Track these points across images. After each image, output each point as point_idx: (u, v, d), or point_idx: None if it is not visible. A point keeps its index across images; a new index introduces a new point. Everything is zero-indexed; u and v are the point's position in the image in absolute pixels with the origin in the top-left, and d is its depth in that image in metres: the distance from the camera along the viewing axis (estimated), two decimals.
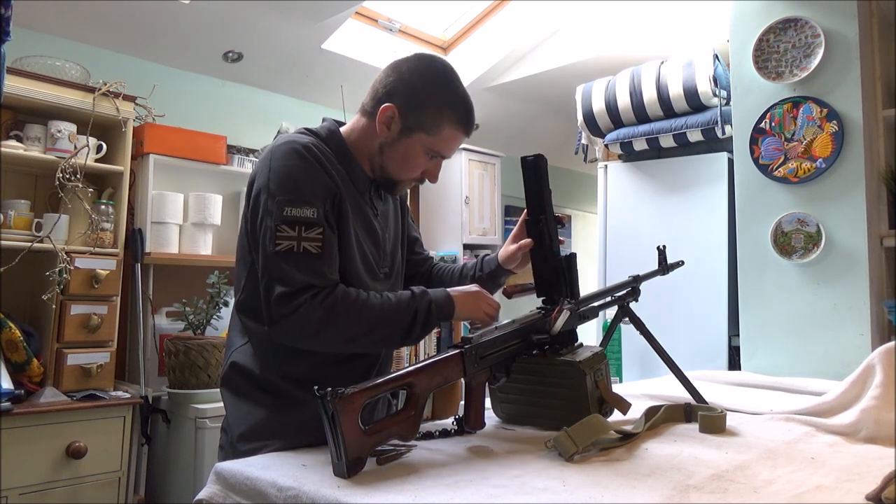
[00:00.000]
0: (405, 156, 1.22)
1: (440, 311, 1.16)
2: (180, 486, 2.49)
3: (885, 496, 0.80)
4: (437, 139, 1.21)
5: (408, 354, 3.59)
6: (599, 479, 0.90)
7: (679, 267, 1.53)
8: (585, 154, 3.13)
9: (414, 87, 1.20)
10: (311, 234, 1.08)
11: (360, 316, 1.09)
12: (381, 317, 1.11)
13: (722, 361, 2.52)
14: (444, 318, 1.16)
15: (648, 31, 3.29)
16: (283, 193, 1.10)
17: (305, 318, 1.06)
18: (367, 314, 1.10)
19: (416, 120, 1.20)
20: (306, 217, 1.09)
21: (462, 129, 1.23)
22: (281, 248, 1.08)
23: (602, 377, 1.20)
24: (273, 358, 1.17)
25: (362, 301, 1.10)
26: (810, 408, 1.34)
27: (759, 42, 2.11)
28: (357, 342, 1.13)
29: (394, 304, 1.13)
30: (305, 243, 1.08)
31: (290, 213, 1.09)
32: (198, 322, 2.56)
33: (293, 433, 1.12)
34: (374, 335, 1.12)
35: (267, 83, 3.35)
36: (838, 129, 1.98)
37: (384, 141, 1.22)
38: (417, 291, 1.16)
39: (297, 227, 1.08)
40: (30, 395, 2.22)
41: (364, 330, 1.10)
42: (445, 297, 1.17)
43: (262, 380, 1.18)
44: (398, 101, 1.20)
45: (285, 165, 1.13)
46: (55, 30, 2.66)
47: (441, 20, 3.78)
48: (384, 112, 1.20)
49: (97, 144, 2.49)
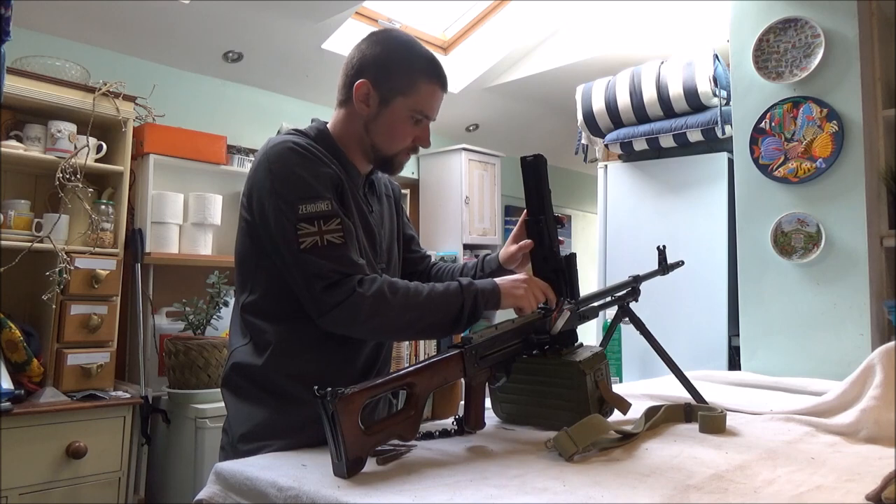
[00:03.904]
0: (391, 125, 1.23)
1: (487, 300, 1.17)
2: (180, 486, 2.49)
3: (885, 496, 0.80)
4: (416, 98, 1.23)
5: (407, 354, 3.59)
6: (599, 479, 0.90)
7: (679, 267, 1.53)
8: (585, 154, 3.13)
9: (377, 56, 1.23)
10: (330, 227, 1.10)
11: (408, 303, 1.11)
12: (429, 305, 1.12)
13: (722, 361, 2.52)
14: (490, 308, 1.17)
15: (648, 31, 3.30)
16: (292, 192, 1.11)
17: (357, 305, 1.07)
18: (415, 302, 1.11)
19: (391, 86, 1.21)
20: (321, 211, 1.10)
21: (436, 82, 1.25)
22: (306, 245, 1.08)
23: (602, 377, 1.20)
24: (275, 358, 1.17)
25: (411, 289, 1.12)
26: (810, 408, 1.34)
27: (759, 42, 2.11)
28: (406, 330, 1.15)
29: (441, 293, 1.14)
30: (328, 236, 1.09)
31: (305, 211, 1.09)
32: (198, 322, 2.56)
33: (294, 433, 1.12)
34: (423, 322, 1.13)
35: (267, 83, 3.35)
36: (838, 129, 1.98)
37: (367, 118, 1.23)
38: (465, 282, 1.17)
39: (315, 223, 1.09)
40: (30, 395, 2.22)
41: (414, 317, 1.12)
42: (492, 287, 1.18)
43: (263, 380, 1.18)
44: (369, 75, 1.22)
45: (286, 165, 1.13)
46: (55, 30, 2.66)
47: (441, 20, 3.78)
48: (359, 89, 1.21)
49: (97, 144, 2.49)
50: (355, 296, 1.07)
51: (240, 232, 1.23)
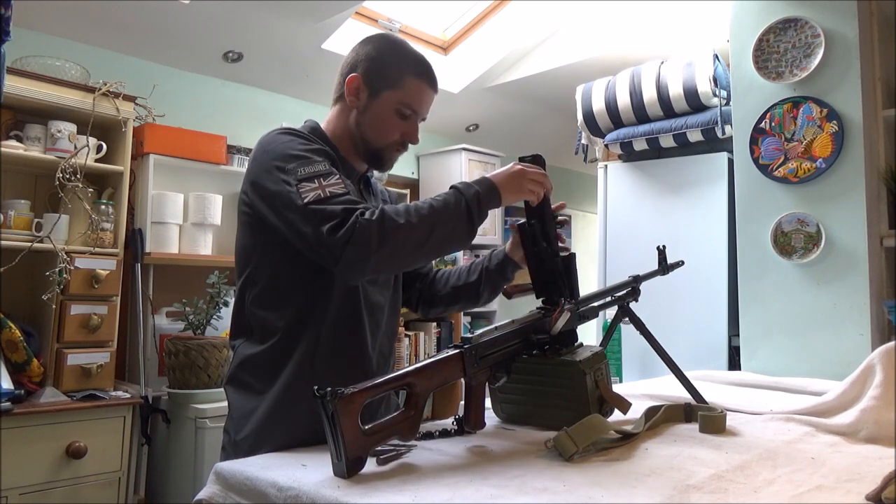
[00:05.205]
0: (379, 118, 1.26)
1: (489, 198, 1.15)
2: (180, 486, 2.49)
3: (885, 496, 0.80)
4: (403, 92, 1.25)
5: (407, 355, 3.59)
6: (599, 479, 0.90)
7: (679, 267, 1.53)
8: (585, 154, 3.13)
9: (369, 53, 1.27)
10: (330, 182, 1.09)
11: (415, 219, 1.07)
12: (436, 215, 1.09)
13: (722, 361, 2.52)
14: (493, 205, 1.16)
15: (648, 31, 3.30)
16: (290, 161, 1.12)
17: (365, 235, 1.03)
18: (421, 215, 1.08)
19: (380, 80, 1.25)
20: (320, 171, 1.10)
21: (424, 79, 1.27)
22: (309, 199, 1.07)
23: (602, 377, 1.20)
24: (283, 343, 1.18)
25: (412, 207, 1.09)
26: (810, 408, 1.34)
27: (759, 42, 2.11)
28: (423, 248, 1.10)
29: (442, 202, 1.11)
30: (329, 188, 1.08)
31: (304, 172, 1.10)
32: (198, 322, 2.56)
33: (295, 433, 1.12)
34: (436, 235, 1.09)
35: (267, 83, 3.35)
36: (838, 129, 1.98)
37: (358, 110, 1.26)
38: (460, 185, 1.16)
39: (316, 180, 1.09)
40: (30, 395, 2.22)
41: (425, 231, 1.08)
42: (488, 184, 1.16)
43: (270, 369, 1.18)
44: (360, 69, 1.26)
45: (279, 145, 1.16)
46: (55, 30, 2.66)
47: (441, 20, 3.78)
48: (350, 83, 1.26)
49: (97, 144, 2.49)
50: (360, 226, 1.03)
51: (240, 227, 1.24)
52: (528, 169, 1.21)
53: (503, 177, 1.19)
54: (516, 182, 1.19)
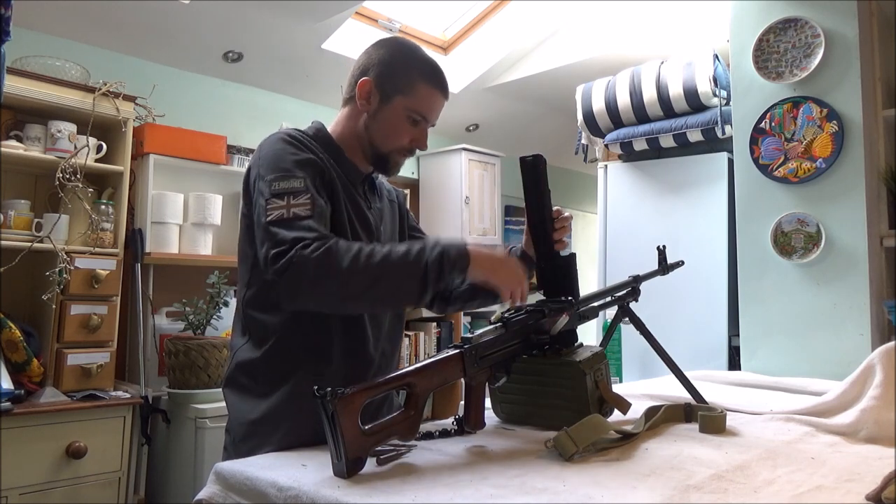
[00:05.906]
0: (389, 123, 1.26)
1: (453, 264, 1.07)
2: (180, 486, 2.49)
3: (885, 496, 0.80)
4: (414, 99, 1.25)
5: (408, 354, 3.59)
6: (599, 479, 0.90)
7: (679, 267, 1.53)
8: (585, 154, 3.13)
9: (382, 58, 1.27)
10: (299, 201, 1.10)
11: (360, 265, 1.02)
12: (386, 267, 1.04)
13: (722, 361, 2.52)
14: (457, 274, 1.08)
15: (648, 31, 3.29)
16: (270, 172, 1.14)
17: (300, 268, 1.01)
18: (370, 263, 1.03)
19: (392, 85, 1.25)
20: (293, 187, 1.11)
21: (436, 86, 1.27)
22: (272, 218, 1.08)
23: (602, 377, 1.20)
24: (277, 347, 1.18)
25: (365, 251, 1.04)
26: (810, 408, 1.34)
27: (759, 42, 2.11)
28: (363, 296, 1.05)
29: (401, 255, 1.05)
30: (295, 209, 1.09)
31: (277, 187, 1.11)
32: (198, 322, 2.56)
33: (296, 433, 1.12)
34: (381, 287, 1.05)
35: (267, 83, 3.35)
36: (838, 129, 1.98)
37: (368, 115, 1.26)
38: (430, 241, 1.09)
39: (285, 198, 1.10)
40: (30, 395, 2.22)
41: (368, 281, 1.03)
42: (461, 251, 1.08)
43: (266, 372, 1.19)
44: (372, 74, 1.26)
45: (272, 150, 1.18)
46: (55, 30, 2.66)
47: (441, 20, 3.78)
48: (362, 87, 1.25)
49: (97, 144, 2.49)
50: (297, 260, 1.01)
51: (241, 229, 1.25)
52: (515, 266, 1.16)
53: (485, 254, 1.11)
54: (495, 266, 1.12)
